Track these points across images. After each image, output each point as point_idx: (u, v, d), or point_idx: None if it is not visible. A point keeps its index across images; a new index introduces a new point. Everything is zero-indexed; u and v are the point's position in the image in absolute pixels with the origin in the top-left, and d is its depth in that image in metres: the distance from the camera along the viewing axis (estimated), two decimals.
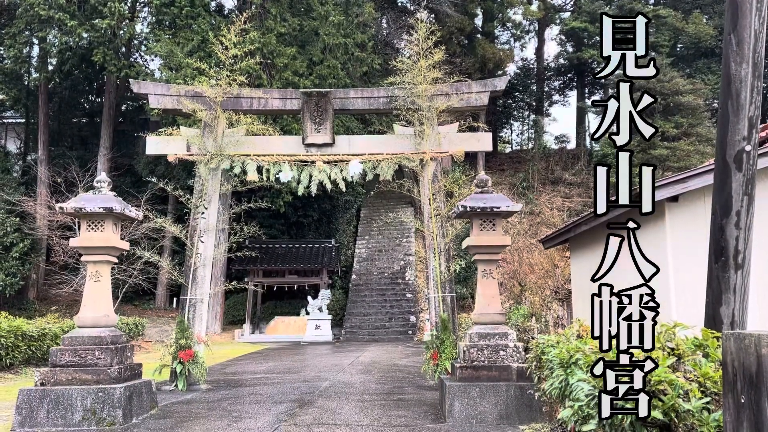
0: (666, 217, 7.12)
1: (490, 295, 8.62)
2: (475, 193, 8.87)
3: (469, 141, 11.72)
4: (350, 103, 11.74)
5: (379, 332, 23.82)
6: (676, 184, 6.91)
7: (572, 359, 5.07)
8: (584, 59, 33.11)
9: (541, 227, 29.14)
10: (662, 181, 6.99)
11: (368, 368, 13.81)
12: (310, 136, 11.61)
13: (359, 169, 11.42)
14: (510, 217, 8.96)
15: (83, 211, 8.30)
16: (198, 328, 11.12)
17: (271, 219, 27.73)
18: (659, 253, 7.35)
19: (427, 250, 11.44)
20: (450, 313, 11.06)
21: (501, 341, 8.39)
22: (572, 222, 9.85)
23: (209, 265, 11.44)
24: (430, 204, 11.33)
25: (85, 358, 8.03)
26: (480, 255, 8.67)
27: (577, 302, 11.13)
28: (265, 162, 11.48)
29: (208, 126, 11.56)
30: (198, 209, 11.42)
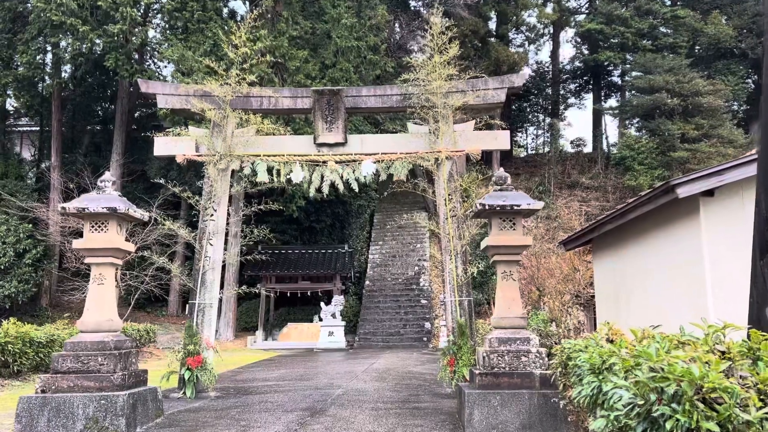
0: (701, 212, 6.68)
1: (511, 298, 8.19)
2: (493, 190, 8.46)
3: (485, 139, 11.32)
4: (363, 101, 11.39)
5: (394, 339, 23.39)
6: (711, 177, 6.46)
7: (606, 364, 4.64)
8: (600, 61, 32.59)
9: (558, 232, 28.60)
10: (696, 174, 6.56)
11: (382, 375, 13.40)
12: (322, 136, 11.27)
13: (372, 169, 11.05)
14: (531, 216, 8.55)
15: (86, 212, 8.00)
16: (207, 333, 10.78)
17: (283, 224, 27.45)
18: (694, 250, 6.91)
19: (443, 252, 11.03)
20: (467, 318, 10.63)
21: (523, 346, 7.95)
22: (597, 221, 9.40)
23: (218, 268, 11.12)
24: (445, 204, 10.93)
25: (88, 364, 7.71)
26: (499, 256, 8.25)
27: (601, 306, 10.65)
28: (275, 162, 11.16)
29: (218, 126, 11.27)
30: (207, 211, 11.11)
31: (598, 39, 32.08)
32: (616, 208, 8.45)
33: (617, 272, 9.48)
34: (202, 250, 10.96)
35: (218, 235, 11.13)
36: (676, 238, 7.27)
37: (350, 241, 28.22)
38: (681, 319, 7.26)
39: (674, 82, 27.79)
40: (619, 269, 9.28)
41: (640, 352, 3.79)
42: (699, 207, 6.78)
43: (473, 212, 8.46)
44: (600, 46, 32.24)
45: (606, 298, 10.40)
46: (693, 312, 6.86)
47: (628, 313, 8.55)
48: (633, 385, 3.58)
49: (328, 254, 26.11)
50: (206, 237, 11.00)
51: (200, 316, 10.79)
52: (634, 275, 8.61)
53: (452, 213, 10.91)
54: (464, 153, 11.12)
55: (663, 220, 7.63)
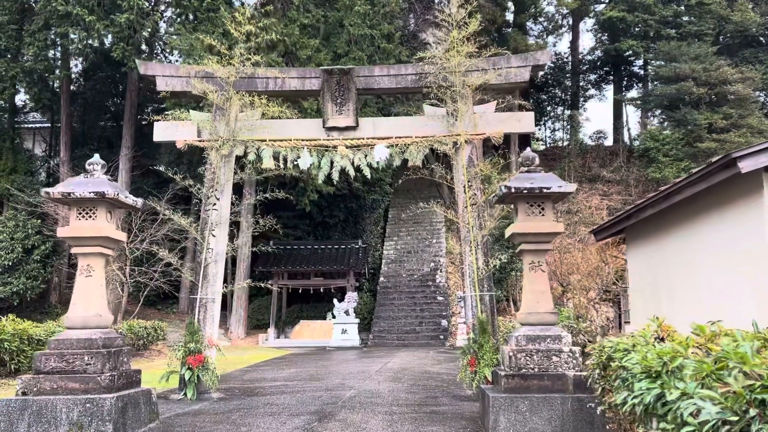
0: (764, 189, 5.81)
1: (540, 291, 7.37)
2: (519, 172, 7.64)
3: (508, 121, 10.48)
4: (375, 81, 10.61)
5: (409, 337, 22.60)
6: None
7: (668, 368, 3.83)
8: (622, 51, 31.49)
9: (579, 226, 27.66)
10: (759, 146, 5.69)
11: (397, 375, 12.63)
12: (332, 119, 10.51)
13: (385, 154, 10.27)
14: (561, 200, 7.71)
15: (72, 197, 7.31)
16: (209, 330, 10.08)
17: (296, 219, 26.78)
18: (756, 232, 6.04)
19: (462, 243, 10.22)
20: (489, 314, 9.82)
21: (553, 345, 7.13)
22: (633, 206, 8.53)
23: (222, 261, 10.40)
24: (465, 192, 10.11)
25: (73, 363, 7.02)
26: (527, 244, 7.43)
27: (636, 301, 9.78)
28: (282, 148, 10.42)
29: (220, 109, 10.56)
30: (209, 200, 10.40)
31: (620, 27, 30.99)
32: (659, 190, 7.59)
33: (656, 263, 8.61)
34: (204, 241, 10.25)
35: (221, 226, 10.42)
36: (735, 221, 6.40)
37: (364, 237, 27.46)
38: (741, 313, 6.40)
39: (701, 71, 26.67)
40: (659, 260, 8.42)
41: (726, 353, 3.00)
42: (763, 184, 5.91)
43: (497, 197, 7.65)
44: (622, 34, 31.14)
45: (642, 292, 9.52)
46: (758, 306, 6.02)
47: (670, 308, 7.70)
48: (721, 396, 2.77)
49: (341, 250, 25.38)
50: (208, 228, 10.29)
51: (202, 312, 10.09)
52: (678, 266, 7.75)
53: (472, 201, 10.10)
54: (485, 136, 10.30)
55: (717, 201, 6.74)
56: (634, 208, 8.39)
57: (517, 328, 7.67)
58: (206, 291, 10.14)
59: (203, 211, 10.47)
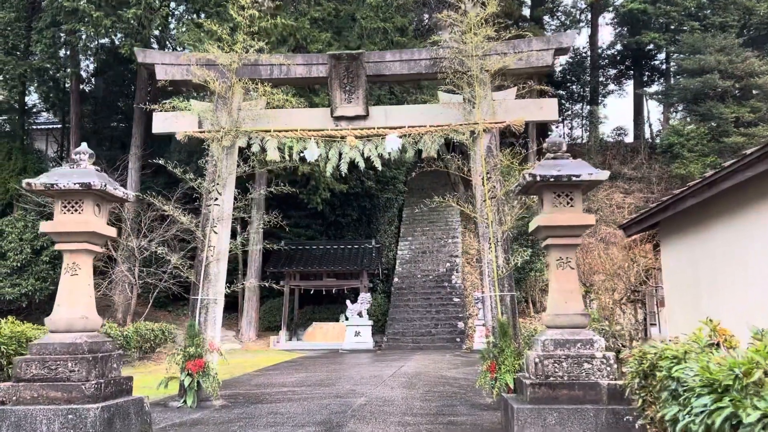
0: None
1: (568, 290, 6.65)
2: (545, 159, 6.93)
3: (529, 108, 9.76)
4: (386, 67, 9.94)
5: (424, 339, 21.89)
6: None
7: (744, 382, 3.11)
8: (643, 44, 30.49)
9: (600, 225, 26.76)
10: None
11: (412, 381, 11.94)
12: (340, 108, 9.85)
13: (397, 145, 9.60)
14: (592, 189, 6.97)
15: (55, 188, 6.73)
16: (210, 333, 9.46)
17: (308, 219, 26.17)
18: None
19: (481, 240, 9.51)
20: (510, 316, 9.10)
21: (585, 350, 6.41)
22: (669, 197, 7.75)
23: (224, 259, 9.79)
24: (483, 184, 9.40)
25: (56, 370, 6.43)
26: (554, 239, 6.72)
27: (672, 301, 8.99)
28: (287, 138, 9.78)
29: (222, 98, 9.95)
30: (210, 195, 9.79)
31: (641, 20, 30.01)
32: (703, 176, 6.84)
33: (697, 259, 7.84)
34: (205, 239, 9.65)
35: (223, 222, 9.80)
36: None
37: (377, 236, 26.77)
38: None
39: (726, 63, 25.66)
40: (701, 255, 7.65)
41: None
42: None
43: (520, 187, 6.95)
44: (643, 27, 30.15)
45: (679, 291, 8.73)
46: None
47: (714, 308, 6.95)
48: None
49: (354, 250, 24.71)
50: (210, 224, 9.68)
51: (203, 314, 9.48)
52: (724, 261, 6.98)
53: (491, 194, 9.39)
54: (505, 125, 9.58)
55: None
56: (672, 198, 7.62)
57: (542, 331, 6.95)
58: (207, 291, 9.53)
59: (204, 207, 9.87)
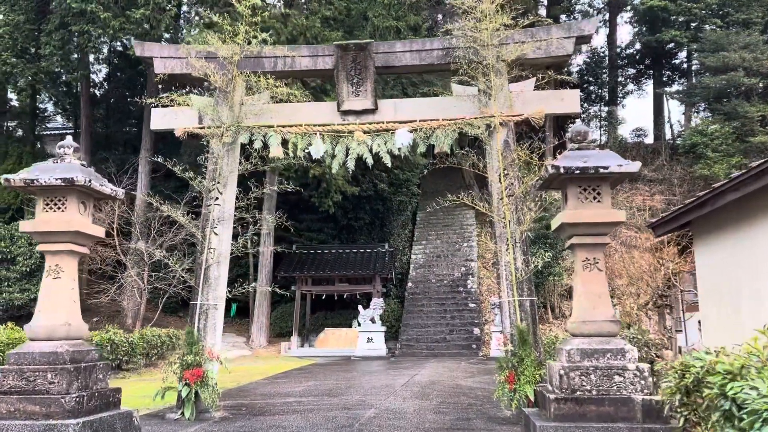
0: None
1: (596, 294, 6.01)
2: (569, 150, 6.31)
3: (549, 100, 9.13)
4: (396, 58, 9.37)
5: (439, 346, 21.22)
6: None
7: None
8: (663, 42, 29.65)
9: (621, 228, 25.97)
10: None
11: (425, 391, 11.30)
12: (347, 101, 9.30)
13: (408, 140, 9.01)
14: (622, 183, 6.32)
15: (36, 184, 6.23)
16: (210, 340, 8.91)
17: (319, 223, 25.66)
18: None
19: (498, 241, 8.88)
20: (530, 323, 8.46)
21: (615, 361, 5.76)
22: (707, 192, 7.07)
23: (225, 262, 9.25)
24: (500, 181, 8.78)
25: (34, 382, 5.92)
26: (580, 237, 6.09)
27: (708, 308, 8.27)
28: (291, 134, 9.24)
29: (223, 93, 9.45)
30: (210, 194, 9.28)
31: (661, 17, 29.19)
32: (748, 167, 6.18)
33: (738, 261, 7.15)
34: (205, 240, 9.12)
35: (225, 223, 9.27)
36: None
37: (391, 240, 26.16)
38: None
39: (751, 60, 24.77)
40: (742, 256, 6.96)
41: None
42: None
43: (541, 180, 6.33)
44: (663, 25, 29.31)
45: (715, 295, 8.02)
46: None
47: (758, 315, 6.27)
48: None
49: (367, 254, 24.13)
50: (210, 225, 9.16)
51: (203, 320, 8.94)
52: None
53: (508, 192, 8.76)
54: (523, 117, 8.96)
55: None
56: (709, 193, 6.93)
57: (567, 339, 6.31)
58: (207, 296, 9.00)
59: (204, 207, 9.35)
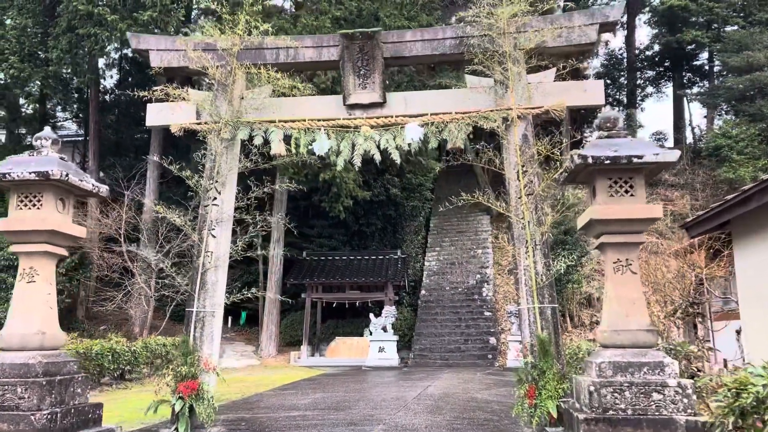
0: None
1: (630, 300, 5.33)
2: (598, 138, 5.65)
3: (570, 91, 8.46)
4: (406, 48, 8.77)
5: (454, 356, 20.48)
6: None
7: None
8: (684, 42, 28.81)
9: None
10: None
11: (438, 404, 10.61)
12: (354, 95, 8.70)
13: (419, 134, 8.39)
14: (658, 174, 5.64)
15: (8, 179, 5.68)
16: (207, 350, 8.32)
17: (330, 228, 25.08)
18: None
19: (516, 243, 8.21)
20: (552, 332, 7.77)
21: (653, 376, 5.07)
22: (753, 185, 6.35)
23: (224, 267, 8.67)
24: (518, 179, 8.13)
25: (3, 396, 5.34)
26: (610, 236, 5.42)
27: (750, 316, 7.54)
28: (294, 129, 8.66)
29: (222, 86, 8.90)
30: (208, 194, 8.71)
31: (681, 17, 28.38)
32: None
33: None
34: (202, 243, 8.54)
35: (223, 224, 8.69)
36: None
37: (403, 247, 25.51)
38: None
39: None
40: None
41: None
42: None
43: (566, 172, 5.67)
44: (683, 24, 28.50)
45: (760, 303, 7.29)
46: None
47: None
48: None
49: (379, 261, 23.50)
50: (207, 227, 8.58)
51: (199, 329, 8.35)
52: None
53: (528, 190, 8.10)
54: (543, 110, 8.31)
55: None
56: (754, 187, 6.22)
57: (597, 351, 5.62)
58: (204, 302, 8.41)
59: (201, 207, 8.78)
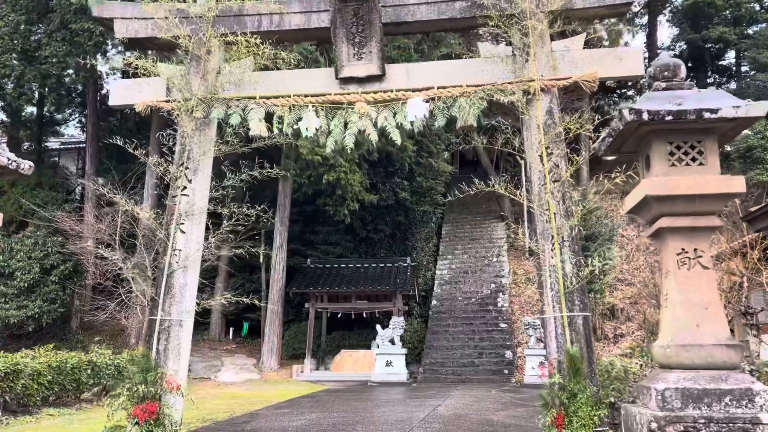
0: None
1: (701, 304, 3.98)
2: (653, 90, 4.32)
3: (604, 61, 7.15)
4: (408, 12, 7.52)
5: (467, 371, 19.04)
6: None
7: None
8: (710, 39, 27.38)
9: None
10: None
11: (448, 428, 9.23)
12: (348, 67, 7.45)
13: (423, 111, 7.11)
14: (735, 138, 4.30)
15: None
16: (172, 366, 7.04)
17: (336, 235, 23.80)
18: None
19: (539, 239, 6.86)
20: (583, 346, 6.41)
21: (740, 409, 3.69)
22: None
23: (194, 267, 7.40)
24: (542, 161, 6.80)
25: None
26: (672, 218, 4.07)
27: None
28: (277, 106, 7.41)
29: (196, 59, 7.69)
30: (177, 182, 7.47)
31: (707, 13, 27.01)
32: None
33: None
34: (168, 239, 7.29)
35: (194, 218, 7.44)
36: None
37: (413, 254, 24.16)
38: None
39: None
40: None
41: None
42: None
43: (611, 136, 4.35)
44: (707, 21, 27.11)
45: None
46: None
47: None
48: None
49: (387, 269, 22.16)
50: (174, 220, 7.33)
51: (163, 340, 7.07)
52: None
53: (553, 176, 6.77)
54: (571, 81, 7.00)
55: None
56: None
57: (656, 374, 4.26)
58: (169, 309, 7.14)
59: (169, 198, 7.53)
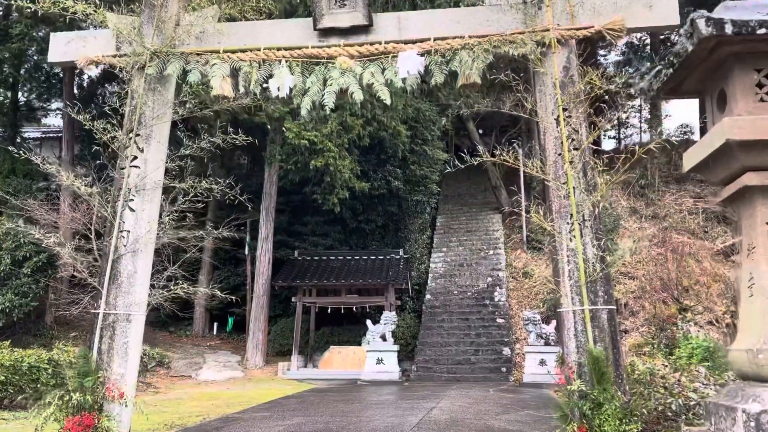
0: None
1: None
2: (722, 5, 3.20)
3: (632, 8, 6.03)
4: None
5: (462, 369, 17.98)
6: None
7: None
8: None
9: (670, 233, 22.72)
10: None
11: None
12: (328, 16, 6.30)
13: (417, 66, 5.97)
14: None
15: None
16: (118, 369, 5.89)
17: (325, 225, 22.64)
18: None
19: (556, 218, 5.75)
20: (609, 346, 5.33)
21: None
22: None
23: (147, 252, 6.27)
24: (558, 125, 5.69)
25: None
26: (763, 173, 2.96)
27: None
28: (245, 62, 6.26)
29: (150, 6, 6.52)
30: (126, 151, 6.31)
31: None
32: None
33: None
34: (115, 219, 6.14)
35: (146, 194, 6.29)
36: None
37: (406, 246, 23.04)
38: None
39: None
40: None
41: None
42: None
43: (672, 63, 3.22)
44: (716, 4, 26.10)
45: None
46: None
47: None
48: None
49: (379, 261, 21.05)
50: (122, 196, 6.18)
51: (107, 338, 5.93)
52: None
53: (573, 144, 5.66)
54: (593, 30, 5.88)
55: None
56: None
57: (738, 387, 3.17)
58: (115, 301, 6.00)
59: (117, 170, 6.38)
